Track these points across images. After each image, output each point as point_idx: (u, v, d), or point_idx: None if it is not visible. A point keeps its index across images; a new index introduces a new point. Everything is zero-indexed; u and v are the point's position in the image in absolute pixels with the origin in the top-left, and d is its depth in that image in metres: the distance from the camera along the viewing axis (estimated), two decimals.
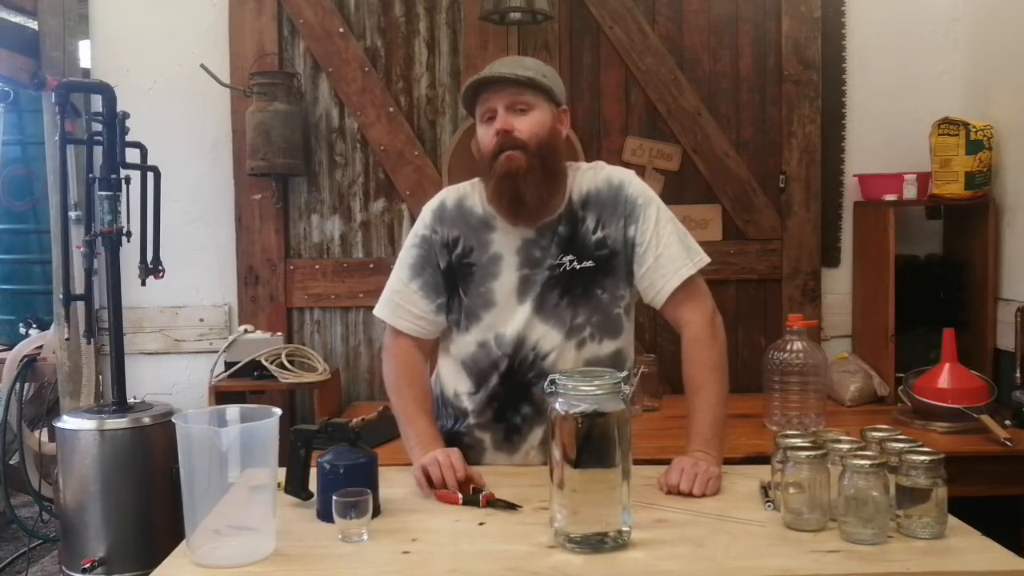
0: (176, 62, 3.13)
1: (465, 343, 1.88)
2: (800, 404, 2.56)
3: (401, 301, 1.89)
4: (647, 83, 3.14)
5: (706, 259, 1.88)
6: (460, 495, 1.66)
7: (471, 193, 1.90)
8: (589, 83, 3.17)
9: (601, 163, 1.93)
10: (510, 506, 1.61)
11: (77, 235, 2.81)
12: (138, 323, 3.15)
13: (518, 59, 1.94)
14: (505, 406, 1.87)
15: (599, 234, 1.84)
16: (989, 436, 2.44)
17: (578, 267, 1.83)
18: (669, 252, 1.83)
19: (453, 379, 1.92)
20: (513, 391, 1.85)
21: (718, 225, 3.17)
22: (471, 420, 1.89)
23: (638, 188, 1.87)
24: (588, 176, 1.88)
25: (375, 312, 1.95)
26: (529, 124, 1.79)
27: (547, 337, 1.83)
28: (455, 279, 1.87)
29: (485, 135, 1.82)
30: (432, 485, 1.69)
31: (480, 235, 1.86)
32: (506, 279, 1.84)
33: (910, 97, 3.16)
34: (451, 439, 1.89)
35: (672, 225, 1.86)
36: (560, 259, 1.83)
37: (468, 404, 1.89)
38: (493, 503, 1.62)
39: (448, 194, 1.93)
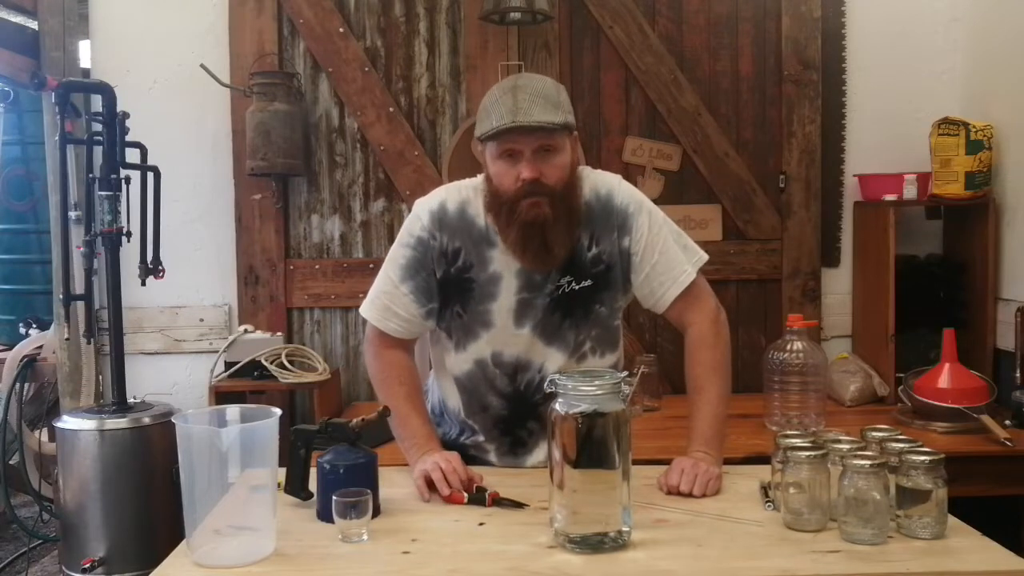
0: (176, 62, 3.14)
1: (461, 360, 1.85)
2: (800, 404, 2.56)
3: (390, 303, 1.84)
4: (647, 83, 3.14)
5: (704, 257, 1.86)
6: (465, 495, 1.65)
7: (473, 199, 1.82)
8: (589, 83, 3.17)
9: (587, 169, 1.86)
10: (516, 504, 1.61)
11: (77, 235, 2.81)
12: (138, 323, 3.15)
13: (539, 89, 1.70)
14: (512, 424, 1.86)
15: (594, 251, 1.81)
16: (989, 436, 2.44)
17: (577, 287, 1.79)
18: (666, 258, 1.81)
19: (449, 394, 1.91)
20: (521, 413, 1.85)
21: (718, 225, 3.17)
22: (480, 437, 1.88)
23: (626, 195, 1.82)
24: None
25: (362, 311, 1.89)
26: (556, 170, 1.70)
27: (552, 359, 1.81)
28: (451, 291, 1.82)
29: (505, 176, 1.71)
30: (432, 489, 1.68)
31: (480, 250, 1.80)
32: (504, 301, 1.80)
33: (910, 97, 3.16)
34: (455, 449, 1.86)
35: (666, 228, 1.83)
36: (559, 281, 1.79)
37: (471, 423, 1.88)
38: (499, 502, 1.62)
39: (449, 196, 1.84)
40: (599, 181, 1.84)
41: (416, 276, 1.82)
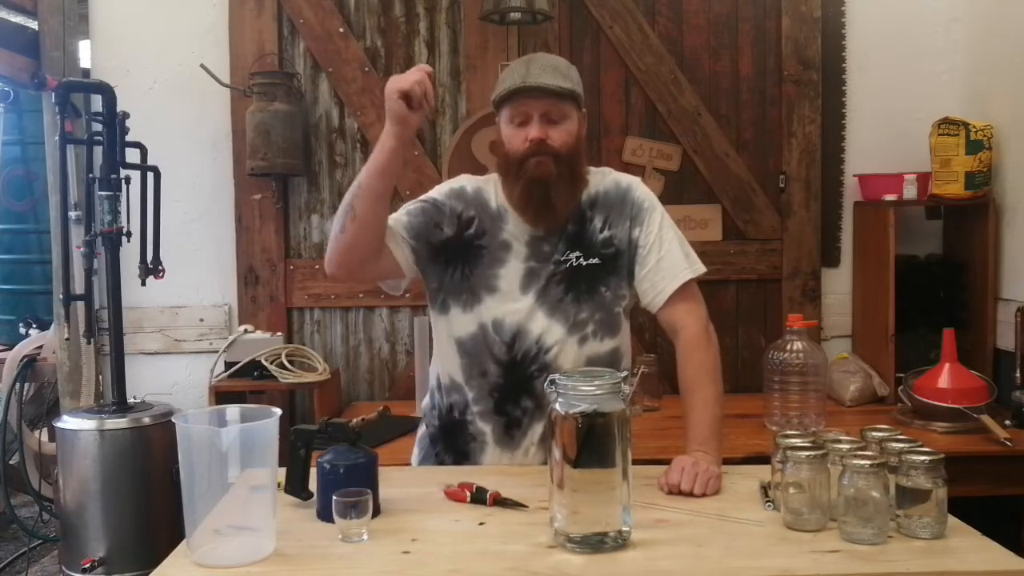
0: (176, 62, 3.14)
1: (463, 322, 1.88)
2: (800, 404, 2.56)
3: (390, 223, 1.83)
4: (647, 83, 3.14)
5: (703, 269, 1.92)
6: (468, 493, 1.66)
7: (486, 187, 1.94)
8: (589, 83, 3.13)
9: (608, 168, 1.98)
10: (517, 505, 1.62)
11: (77, 235, 2.81)
12: (138, 323, 3.15)
13: (551, 62, 1.87)
14: (505, 398, 1.87)
15: (606, 233, 1.88)
16: (989, 436, 2.44)
17: (584, 263, 1.86)
18: (671, 256, 1.87)
19: (449, 361, 1.92)
20: (515, 383, 1.86)
21: (718, 225, 3.17)
22: (472, 408, 1.89)
23: (644, 193, 1.93)
24: (596, 179, 1.93)
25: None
26: (562, 135, 1.82)
27: (550, 331, 1.85)
28: (459, 253, 1.89)
29: (515, 138, 1.83)
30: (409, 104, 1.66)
31: (495, 223, 1.90)
32: (512, 268, 1.87)
33: (910, 97, 3.16)
34: (452, 430, 1.91)
35: (674, 232, 1.91)
36: (567, 255, 1.87)
37: (468, 391, 1.89)
38: (500, 502, 1.63)
39: (468, 181, 1.96)
40: (621, 176, 1.96)
41: (416, 219, 1.88)
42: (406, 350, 3.20)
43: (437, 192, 1.95)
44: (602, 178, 1.93)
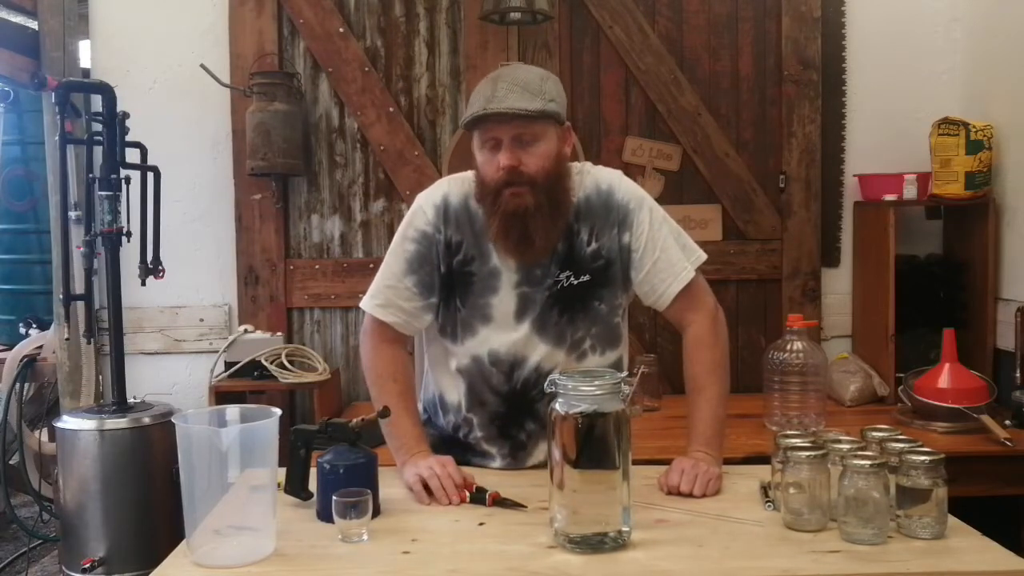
0: (176, 62, 3.14)
1: (458, 354, 1.84)
2: (800, 404, 2.56)
3: (394, 296, 1.83)
4: (647, 83, 3.14)
5: (703, 256, 1.86)
6: (467, 493, 1.66)
7: (473, 193, 1.82)
8: (589, 83, 3.17)
9: (587, 165, 1.88)
10: (517, 505, 1.61)
11: (77, 235, 2.81)
12: (138, 323, 3.15)
13: (521, 78, 1.71)
14: (509, 424, 1.85)
15: (593, 246, 1.81)
16: (989, 436, 2.44)
17: (575, 282, 1.79)
18: (667, 255, 1.81)
19: (451, 389, 1.89)
20: (518, 410, 1.84)
21: (718, 225, 3.17)
22: (477, 433, 1.88)
23: (627, 191, 1.83)
24: (575, 183, 1.81)
25: (363, 305, 1.87)
26: (537, 159, 1.71)
27: (549, 357, 1.81)
28: (453, 284, 1.83)
29: (488, 165, 1.73)
30: (430, 493, 1.67)
31: (481, 244, 1.81)
32: (505, 295, 1.80)
33: (910, 97, 3.16)
34: (457, 450, 1.87)
35: (667, 225, 1.83)
36: (558, 276, 1.79)
37: (472, 417, 1.87)
38: (500, 502, 1.63)
39: (451, 189, 1.84)
40: (600, 177, 1.84)
41: (420, 270, 1.82)
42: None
43: (422, 218, 1.82)
44: (581, 181, 1.81)
